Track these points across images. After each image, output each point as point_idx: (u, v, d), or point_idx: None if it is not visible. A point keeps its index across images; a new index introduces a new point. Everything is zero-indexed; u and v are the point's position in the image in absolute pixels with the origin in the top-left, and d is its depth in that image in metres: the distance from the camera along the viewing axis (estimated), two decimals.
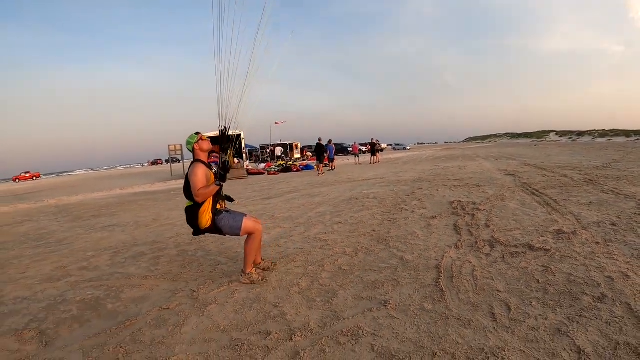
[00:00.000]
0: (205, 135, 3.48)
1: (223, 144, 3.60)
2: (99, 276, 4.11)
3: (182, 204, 3.49)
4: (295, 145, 40.71)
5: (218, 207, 3.37)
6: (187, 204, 3.30)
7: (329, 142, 19.93)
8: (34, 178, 57.93)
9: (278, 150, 34.52)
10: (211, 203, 3.26)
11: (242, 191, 12.33)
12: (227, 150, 3.62)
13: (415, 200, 7.17)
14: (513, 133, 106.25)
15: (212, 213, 3.27)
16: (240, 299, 3.10)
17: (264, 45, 3.62)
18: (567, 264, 3.26)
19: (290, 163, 25.29)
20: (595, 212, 5.07)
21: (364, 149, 39.99)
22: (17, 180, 55.62)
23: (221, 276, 3.72)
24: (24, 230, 8.06)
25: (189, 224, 3.34)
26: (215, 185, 3.18)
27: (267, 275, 3.59)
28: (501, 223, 4.88)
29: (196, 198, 3.12)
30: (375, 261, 3.78)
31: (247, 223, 3.36)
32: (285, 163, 25.37)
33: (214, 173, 3.33)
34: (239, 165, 19.81)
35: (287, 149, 37.73)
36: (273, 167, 23.62)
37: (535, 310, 2.50)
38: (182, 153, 27.52)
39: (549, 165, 13.05)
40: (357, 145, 31.52)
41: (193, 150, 3.37)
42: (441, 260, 3.62)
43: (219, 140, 3.62)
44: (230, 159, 3.58)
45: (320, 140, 19.22)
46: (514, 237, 4.19)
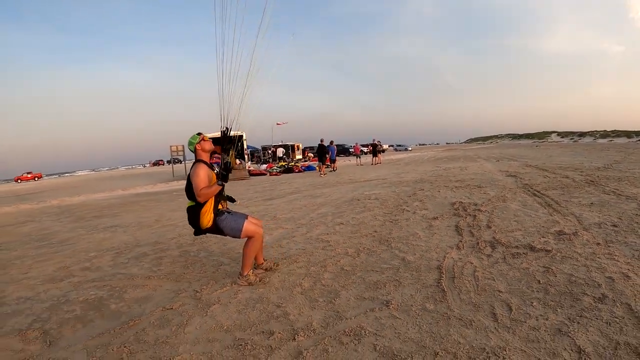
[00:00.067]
0: (207, 136, 3.50)
1: (225, 144, 3.62)
2: (102, 276, 4.12)
3: (184, 205, 3.51)
4: (297, 146, 40.72)
5: (220, 207, 3.38)
6: (188, 204, 3.32)
7: (331, 143, 19.97)
8: (36, 178, 58.09)
9: (280, 151, 34.54)
10: (213, 203, 3.28)
11: (244, 192, 12.36)
12: (228, 150, 3.64)
13: (417, 201, 7.18)
14: (514, 134, 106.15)
15: (214, 213, 3.29)
16: (243, 299, 3.12)
17: (265, 47, 3.65)
18: (568, 265, 3.27)
19: (292, 164, 25.29)
20: (596, 213, 5.08)
21: (365, 149, 40.02)
22: (19, 181, 55.77)
23: (224, 276, 3.74)
24: (27, 230, 8.08)
25: (191, 223, 3.36)
26: (217, 185, 3.20)
27: (269, 276, 3.61)
28: (502, 224, 4.89)
29: (198, 198, 3.14)
30: (377, 262, 3.80)
31: (248, 226, 3.37)
32: (287, 164, 25.38)
33: (215, 173, 3.35)
34: (241, 166, 19.85)
35: (288, 150, 37.74)
36: (275, 168, 23.63)
37: (536, 310, 2.51)
38: (184, 154, 27.56)
39: (550, 166, 13.05)
40: (358, 146, 31.50)
41: (195, 151, 3.39)
42: (443, 260, 3.63)
43: (220, 141, 3.64)
44: (232, 159, 3.60)
45: (322, 141, 19.28)
46: (515, 238, 4.21)
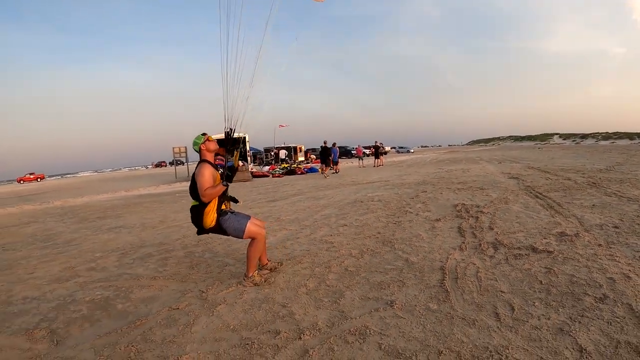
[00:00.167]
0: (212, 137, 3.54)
1: (229, 145, 3.66)
2: (108, 277, 4.16)
3: (187, 206, 3.55)
4: (299, 148, 40.79)
5: (223, 207, 3.42)
6: (192, 203, 3.36)
7: (333, 145, 20.03)
8: (38, 179, 58.24)
9: (282, 153, 34.62)
10: (216, 203, 3.32)
11: (247, 193, 12.40)
12: (233, 152, 3.67)
13: (420, 203, 7.22)
14: (516, 136, 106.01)
15: (217, 213, 3.33)
16: (249, 299, 3.16)
17: (269, 47, 3.69)
18: (569, 266, 3.30)
19: (294, 166, 25.31)
20: (598, 215, 5.11)
21: (367, 151, 40.04)
22: (22, 182, 55.97)
23: (229, 277, 3.78)
24: (31, 231, 8.14)
25: (194, 223, 3.40)
26: (221, 186, 3.24)
27: (274, 276, 3.65)
28: (505, 225, 4.92)
29: (202, 198, 3.18)
30: (380, 263, 3.84)
31: (251, 227, 3.41)
32: (290, 166, 25.40)
33: (220, 174, 3.39)
34: (244, 168, 19.92)
35: (291, 151, 37.82)
36: (277, 169, 23.67)
37: (538, 310, 2.55)
38: (187, 155, 27.61)
39: (552, 168, 13.05)
40: (361, 148, 31.50)
41: (200, 151, 3.43)
42: (446, 261, 3.67)
43: (224, 143, 3.67)
44: (235, 161, 3.64)
45: (325, 143, 19.36)
46: (517, 240, 4.24)
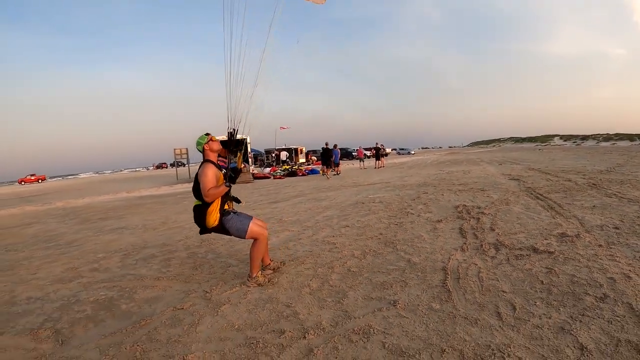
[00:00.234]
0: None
1: (233, 147, 3.69)
2: (111, 277, 4.18)
3: (189, 208, 3.57)
4: (300, 150, 40.82)
5: (226, 207, 3.45)
6: (195, 202, 3.38)
7: (335, 146, 20.06)
8: (39, 181, 58.27)
9: (283, 155, 34.64)
10: (219, 203, 3.34)
11: (248, 195, 12.42)
12: (236, 153, 3.70)
13: (421, 205, 7.25)
14: (517, 137, 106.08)
15: (220, 213, 3.36)
16: (253, 299, 3.18)
17: (271, 49, 3.73)
18: (570, 266, 3.33)
19: (295, 167, 25.34)
20: (598, 216, 5.14)
21: (368, 153, 40.11)
22: (23, 183, 56.02)
23: (233, 278, 3.80)
24: (33, 231, 8.16)
25: (196, 222, 3.42)
26: (224, 186, 3.27)
27: (277, 277, 3.67)
28: (506, 226, 4.95)
29: (205, 198, 3.20)
30: (383, 263, 3.86)
31: (253, 228, 3.44)
32: (291, 167, 25.42)
33: (223, 174, 3.42)
34: (245, 170, 19.94)
35: (292, 153, 37.85)
36: (278, 171, 23.69)
37: (540, 309, 2.57)
38: (188, 157, 27.61)
39: (553, 169, 13.08)
40: (362, 150, 31.54)
41: (203, 151, 3.46)
42: (447, 262, 3.69)
43: (227, 144, 3.70)
44: (238, 162, 3.67)
45: (327, 144, 19.39)
46: (519, 240, 4.26)
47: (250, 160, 23.41)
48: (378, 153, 25.11)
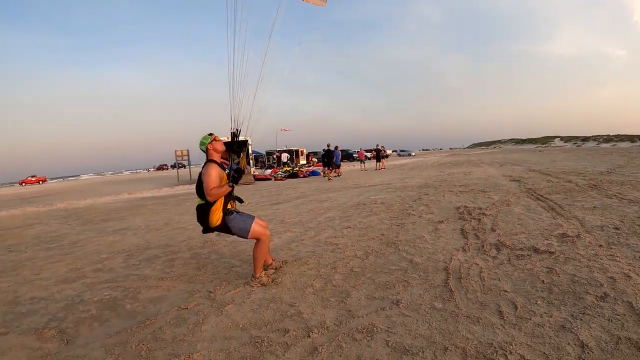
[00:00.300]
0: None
1: (235, 147, 3.73)
2: (115, 278, 4.20)
3: (192, 209, 3.60)
4: (301, 152, 40.84)
5: (229, 207, 3.48)
6: (198, 202, 3.41)
7: (335, 148, 20.08)
8: (40, 182, 58.32)
9: (284, 157, 34.65)
10: (222, 203, 3.37)
11: (250, 196, 12.44)
12: (239, 153, 3.73)
13: (422, 206, 7.28)
14: (518, 139, 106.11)
15: (223, 212, 3.38)
16: (257, 299, 3.21)
17: (273, 50, 3.77)
18: (571, 266, 3.36)
19: (296, 169, 25.35)
20: (598, 216, 5.17)
21: (369, 155, 40.14)
22: (24, 184, 56.07)
23: (236, 278, 3.83)
24: (35, 232, 8.17)
25: (199, 221, 3.45)
26: (227, 186, 3.30)
27: (280, 277, 3.70)
28: (507, 227, 4.98)
29: (208, 197, 3.22)
30: (385, 263, 3.89)
31: (256, 227, 3.47)
32: (292, 169, 25.43)
33: (226, 174, 3.45)
34: (247, 171, 19.94)
35: (292, 155, 37.86)
36: (279, 173, 23.70)
37: (541, 308, 2.60)
38: (189, 158, 27.62)
39: (553, 170, 13.10)
40: (362, 152, 31.54)
41: (206, 151, 3.48)
42: (449, 262, 3.72)
43: (229, 145, 3.74)
44: (242, 162, 3.70)
45: (328, 146, 19.42)
46: (520, 241, 4.29)
47: (251, 162, 23.44)
48: (379, 155, 25.13)
